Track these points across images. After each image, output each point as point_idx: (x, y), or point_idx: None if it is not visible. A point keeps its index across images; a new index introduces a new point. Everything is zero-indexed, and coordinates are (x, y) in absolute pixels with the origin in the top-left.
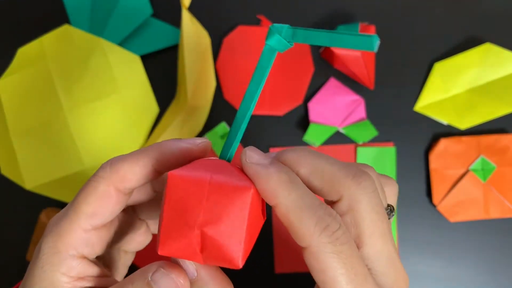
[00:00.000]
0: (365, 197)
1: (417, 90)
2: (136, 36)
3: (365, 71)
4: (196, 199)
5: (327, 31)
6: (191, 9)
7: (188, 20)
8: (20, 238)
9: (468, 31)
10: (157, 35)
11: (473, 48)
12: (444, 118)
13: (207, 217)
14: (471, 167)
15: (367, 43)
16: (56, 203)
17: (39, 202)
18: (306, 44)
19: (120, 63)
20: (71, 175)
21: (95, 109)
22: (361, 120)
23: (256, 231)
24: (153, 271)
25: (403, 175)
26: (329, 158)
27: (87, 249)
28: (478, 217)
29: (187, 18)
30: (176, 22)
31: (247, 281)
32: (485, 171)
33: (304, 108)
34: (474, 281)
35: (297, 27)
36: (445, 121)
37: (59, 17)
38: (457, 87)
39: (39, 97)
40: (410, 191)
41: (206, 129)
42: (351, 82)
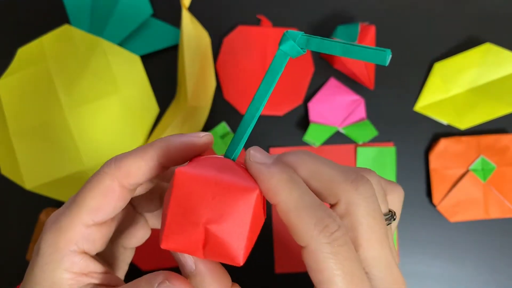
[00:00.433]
0: (362, 202)
1: (417, 90)
2: (136, 36)
3: (365, 71)
4: (202, 197)
5: (341, 41)
6: (191, 9)
7: (188, 20)
8: (20, 238)
9: (468, 31)
10: (157, 35)
11: (473, 48)
12: (444, 118)
13: (212, 215)
14: (471, 167)
15: (380, 56)
16: (56, 203)
17: (39, 202)
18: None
19: (120, 63)
20: (71, 175)
21: (95, 109)
22: (361, 120)
23: (257, 229)
24: (158, 282)
25: (403, 175)
26: (330, 162)
27: (88, 245)
28: (478, 217)
29: (187, 18)
30: (176, 22)
31: (247, 281)
32: (485, 171)
33: (304, 108)
34: (474, 281)
35: (312, 35)
36: (445, 121)
37: (59, 17)
38: (457, 87)
39: (39, 97)
40: (410, 191)
41: (206, 129)
42: (351, 82)
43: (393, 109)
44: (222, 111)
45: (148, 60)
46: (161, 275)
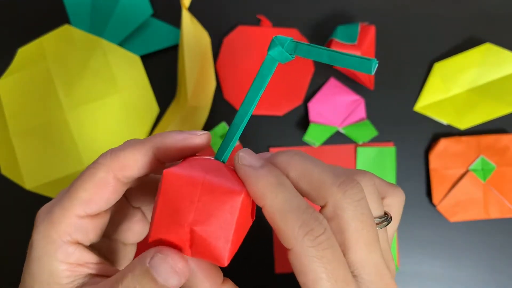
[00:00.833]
0: (349, 205)
1: (417, 90)
2: (136, 36)
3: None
4: (189, 198)
5: (328, 49)
6: (191, 9)
7: (188, 20)
8: (20, 238)
9: (468, 31)
10: (157, 35)
11: (473, 48)
12: (444, 118)
13: (198, 217)
14: (471, 167)
15: (365, 65)
16: None
17: (39, 202)
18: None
19: (120, 63)
20: (71, 175)
21: (95, 109)
22: (361, 120)
23: (244, 231)
24: (150, 256)
25: (403, 175)
26: (321, 164)
27: (81, 235)
28: (478, 217)
29: (187, 18)
30: (176, 22)
31: (247, 281)
32: (485, 171)
33: (304, 108)
34: (474, 281)
35: (300, 42)
36: (445, 121)
37: (59, 17)
38: (457, 87)
39: (39, 97)
40: (410, 191)
41: (206, 129)
42: (351, 82)
43: (393, 109)
44: (222, 111)
45: (148, 60)
46: (152, 250)
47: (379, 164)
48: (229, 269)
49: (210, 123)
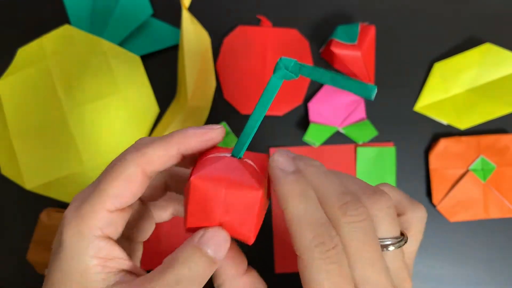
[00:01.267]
0: (347, 226)
1: (417, 90)
2: (136, 36)
3: (365, 71)
4: (216, 197)
5: (331, 72)
6: (191, 9)
7: (188, 20)
8: (20, 238)
9: (468, 31)
10: (157, 35)
11: (473, 48)
12: (444, 118)
13: (225, 212)
14: (471, 167)
15: (366, 91)
16: (56, 203)
17: (39, 202)
18: (306, 43)
19: (120, 63)
20: (71, 175)
21: (95, 109)
22: (361, 120)
23: (263, 213)
24: (199, 236)
25: (403, 175)
26: (335, 182)
27: (111, 229)
28: (478, 217)
29: (187, 18)
30: (176, 22)
31: None
32: (485, 171)
33: (304, 108)
34: (474, 281)
35: (303, 65)
36: (445, 121)
37: (59, 17)
38: (457, 87)
39: (39, 97)
40: (410, 191)
41: None
42: None
43: (393, 109)
44: (222, 111)
45: (148, 60)
46: (200, 231)
47: (379, 164)
48: None
49: (210, 123)
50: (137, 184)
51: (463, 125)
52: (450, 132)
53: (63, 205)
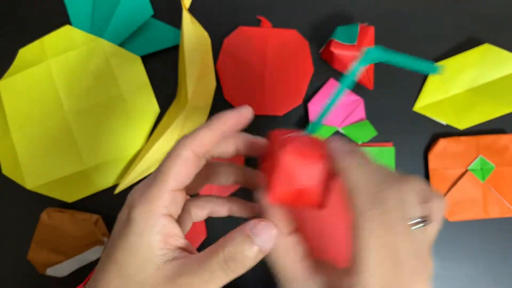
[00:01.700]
0: (387, 203)
1: (416, 90)
2: (137, 37)
3: (365, 71)
4: (296, 169)
5: (406, 56)
6: (191, 10)
7: (188, 21)
8: (21, 238)
9: (467, 31)
10: (158, 36)
11: (472, 49)
12: (443, 118)
13: (302, 181)
14: (470, 167)
15: (433, 69)
16: (57, 203)
17: (40, 202)
18: (305, 44)
19: (121, 63)
20: (72, 174)
21: (96, 109)
22: (360, 120)
23: (328, 183)
24: (251, 226)
25: None
26: (370, 173)
27: (174, 208)
28: (477, 216)
29: (187, 19)
30: (176, 23)
31: (248, 279)
32: (484, 171)
33: (304, 108)
34: (474, 280)
35: (386, 50)
36: (444, 121)
37: (60, 18)
38: (456, 87)
39: (40, 97)
40: None
41: None
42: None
43: (393, 109)
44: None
45: (149, 61)
46: (251, 222)
47: None
48: None
49: None
50: (192, 165)
51: (462, 125)
52: (449, 132)
53: (63, 205)
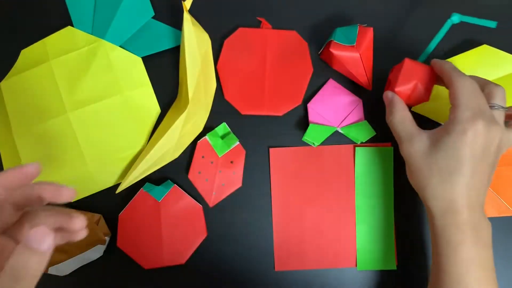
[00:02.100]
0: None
1: None
2: (138, 38)
3: (363, 72)
4: (415, 72)
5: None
6: (192, 11)
7: (189, 22)
8: None
9: (465, 33)
10: (159, 37)
11: (470, 50)
12: (441, 119)
13: (419, 79)
14: None
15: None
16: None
17: None
18: (305, 45)
19: (122, 64)
20: (74, 175)
21: (97, 109)
22: (359, 120)
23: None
24: (25, 237)
25: (401, 175)
26: (466, 79)
27: None
28: None
29: (188, 20)
30: (177, 24)
31: (248, 279)
32: None
33: (303, 108)
34: None
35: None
36: (442, 121)
37: (62, 19)
38: None
39: (42, 97)
40: (408, 190)
41: (206, 129)
42: (349, 83)
43: None
44: (222, 111)
45: (150, 62)
46: (27, 234)
47: (377, 164)
48: (229, 268)
49: (210, 123)
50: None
51: None
52: None
53: (65, 204)
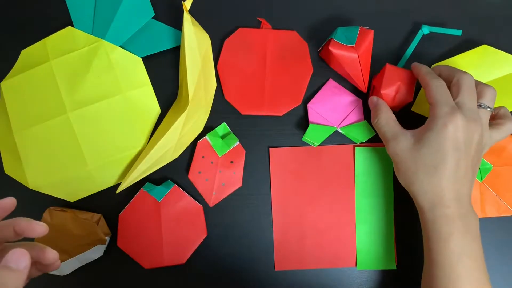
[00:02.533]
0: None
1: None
2: (138, 38)
3: (360, 73)
4: (396, 75)
5: None
6: (192, 11)
7: (189, 22)
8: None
9: (465, 33)
10: (159, 37)
11: (470, 50)
12: None
13: (397, 78)
14: None
15: None
16: (59, 202)
17: (42, 201)
18: (305, 45)
19: (122, 64)
20: (74, 174)
21: (98, 109)
22: (359, 120)
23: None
24: (5, 258)
25: None
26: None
27: None
28: None
29: (188, 20)
30: (177, 24)
31: (248, 278)
32: (482, 170)
33: (303, 108)
34: None
35: None
36: None
37: (62, 19)
38: None
39: (42, 98)
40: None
41: (206, 129)
42: (349, 83)
43: None
44: (222, 111)
45: (150, 62)
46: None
47: (377, 164)
48: (229, 267)
49: (210, 123)
50: None
51: None
52: None
53: (65, 204)
